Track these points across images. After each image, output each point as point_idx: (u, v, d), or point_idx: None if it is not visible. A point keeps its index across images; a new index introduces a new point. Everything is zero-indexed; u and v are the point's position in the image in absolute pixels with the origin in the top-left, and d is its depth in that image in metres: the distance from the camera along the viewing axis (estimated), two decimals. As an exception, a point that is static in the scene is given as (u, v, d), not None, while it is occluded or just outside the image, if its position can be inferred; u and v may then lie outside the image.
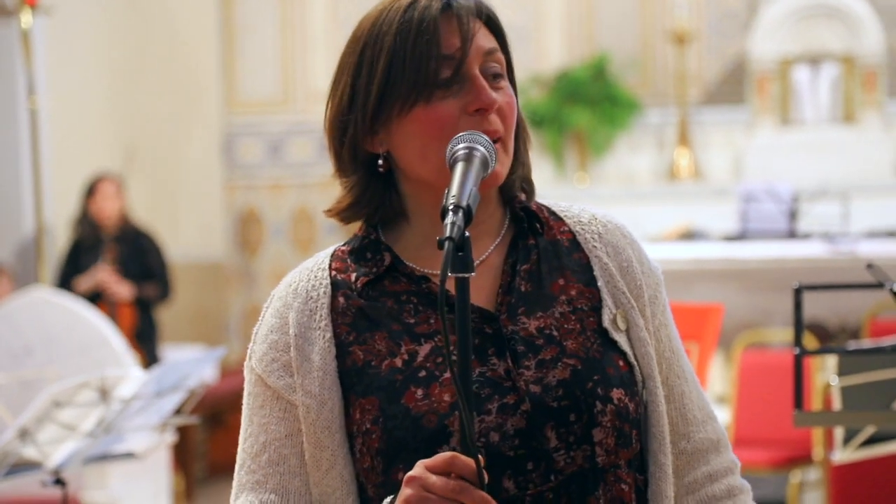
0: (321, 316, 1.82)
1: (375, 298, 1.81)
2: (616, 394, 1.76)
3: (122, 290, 7.36)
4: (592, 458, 1.75)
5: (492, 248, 1.84)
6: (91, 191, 7.60)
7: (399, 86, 1.77)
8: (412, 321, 1.79)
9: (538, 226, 1.86)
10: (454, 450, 1.68)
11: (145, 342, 7.48)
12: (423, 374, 1.76)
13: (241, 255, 9.85)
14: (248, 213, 9.88)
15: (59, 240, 8.00)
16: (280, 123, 9.86)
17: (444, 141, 1.75)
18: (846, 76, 8.97)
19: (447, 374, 1.75)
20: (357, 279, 1.83)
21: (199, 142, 9.66)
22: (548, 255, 1.85)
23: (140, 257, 7.59)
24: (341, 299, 1.82)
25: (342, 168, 1.84)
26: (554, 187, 8.97)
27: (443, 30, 1.78)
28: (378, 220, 1.86)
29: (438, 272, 1.66)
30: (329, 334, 1.81)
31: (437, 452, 1.68)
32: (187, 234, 9.46)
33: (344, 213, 1.85)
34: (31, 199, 6.92)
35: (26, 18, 5.34)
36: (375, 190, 1.83)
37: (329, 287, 1.83)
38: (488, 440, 1.73)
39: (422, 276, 1.82)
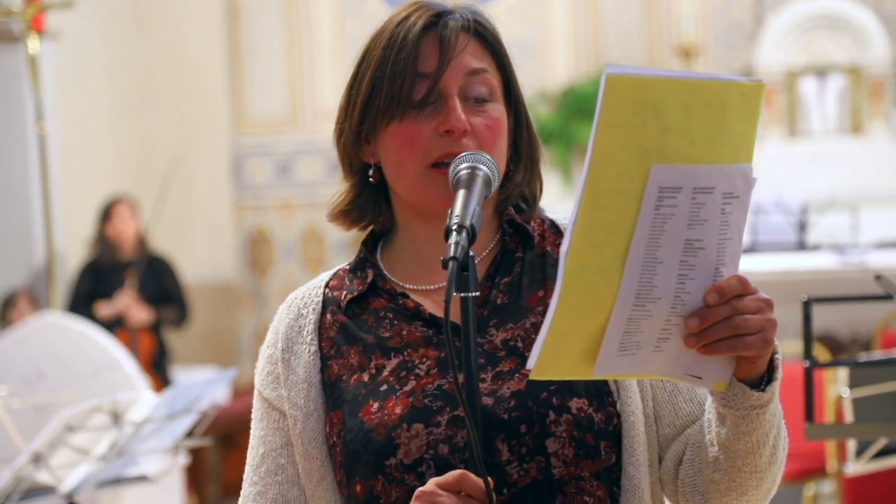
0: (308, 331, 1.85)
1: (358, 316, 1.84)
2: (576, 403, 1.73)
3: (142, 315, 7.36)
4: (548, 469, 1.72)
5: (476, 261, 1.85)
6: (107, 214, 7.58)
7: (378, 100, 1.79)
8: (386, 335, 1.81)
9: (533, 239, 1.86)
10: (401, 463, 1.71)
11: (161, 367, 7.49)
12: (384, 388, 1.78)
13: (252, 276, 9.86)
14: (257, 233, 9.90)
15: (70, 264, 8.02)
16: (288, 143, 9.88)
17: (416, 159, 1.77)
18: (853, 87, 8.97)
19: (406, 388, 1.76)
20: (344, 297, 1.86)
21: (208, 163, 9.68)
22: (532, 267, 1.84)
23: (157, 281, 7.59)
24: (328, 315, 1.86)
25: (343, 172, 1.88)
26: (562, 202, 8.96)
27: (423, 47, 1.78)
28: (378, 229, 1.88)
29: (420, 287, 1.72)
30: (314, 348, 1.84)
31: (385, 465, 1.72)
32: (197, 256, 9.46)
33: (339, 218, 1.88)
34: (41, 225, 6.93)
35: (34, 44, 5.35)
36: (368, 198, 1.87)
37: (320, 304, 1.87)
38: (437, 452, 1.73)
39: (401, 293, 1.83)
